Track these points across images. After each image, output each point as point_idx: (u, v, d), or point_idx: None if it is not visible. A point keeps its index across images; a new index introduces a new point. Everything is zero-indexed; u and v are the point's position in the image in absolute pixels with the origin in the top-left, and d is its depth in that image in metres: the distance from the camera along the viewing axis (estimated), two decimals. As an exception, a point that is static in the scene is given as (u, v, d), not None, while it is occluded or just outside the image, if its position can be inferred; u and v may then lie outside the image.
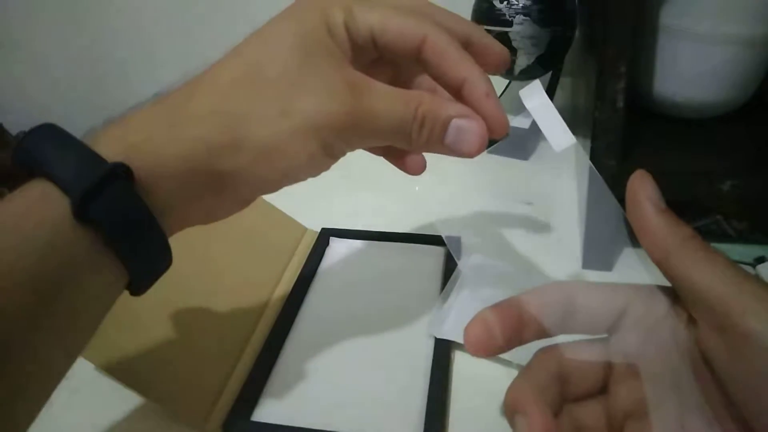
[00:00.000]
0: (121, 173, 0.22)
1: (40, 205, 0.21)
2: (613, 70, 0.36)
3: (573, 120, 0.64)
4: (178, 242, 0.27)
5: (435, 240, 0.47)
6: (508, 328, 0.24)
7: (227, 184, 0.25)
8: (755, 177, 0.38)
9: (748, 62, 0.42)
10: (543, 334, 0.26)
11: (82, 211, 0.21)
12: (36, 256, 0.21)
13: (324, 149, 0.26)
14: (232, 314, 0.39)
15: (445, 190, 0.33)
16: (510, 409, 0.24)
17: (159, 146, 0.24)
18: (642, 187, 0.24)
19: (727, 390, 0.21)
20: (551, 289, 0.26)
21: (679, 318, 0.24)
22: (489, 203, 0.43)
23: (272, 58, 0.25)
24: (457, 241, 0.44)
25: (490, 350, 0.25)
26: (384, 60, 0.29)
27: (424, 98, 0.26)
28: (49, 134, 0.23)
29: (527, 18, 0.52)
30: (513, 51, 0.54)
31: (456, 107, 0.27)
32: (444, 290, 0.41)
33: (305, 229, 0.49)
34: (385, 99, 0.26)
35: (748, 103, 0.44)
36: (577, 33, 0.56)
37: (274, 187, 0.27)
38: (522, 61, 0.54)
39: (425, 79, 0.31)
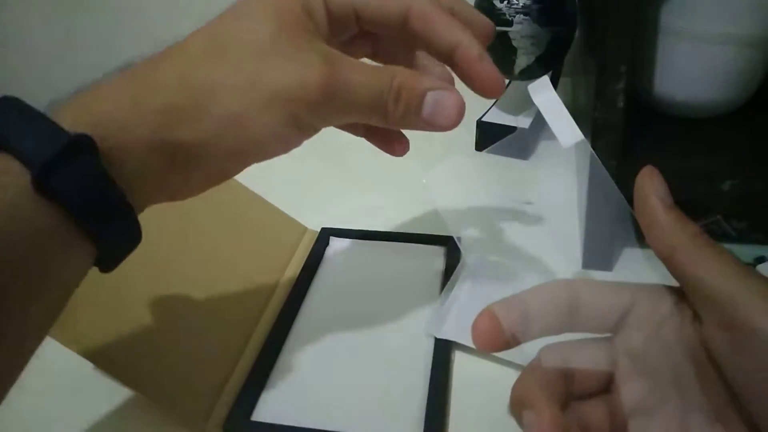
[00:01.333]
0: (84, 145, 0.21)
1: (0, 178, 0.21)
2: (613, 70, 0.36)
3: (572, 119, 0.64)
4: (178, 242, 0.27)
5: (435, 240, 0.47)
6: (514, 324, 0.24)
7: (194, 157, 0.25)
8: (755, 177, 0.38)
9: (748, 62, 0.42)
10: (547, 331, 0.26)
11: (43, 184, 0.21)
12: None
13: (294, 122, 0.25)
14: (232, 314, 0.39)
15: (444, 191, 0.33)
16: (517, 405, 0.24)
17: (124, 115, 0.23)
18: (650, 183, 0.24)
19: (733, 388, 0.21)
20: (556, 287, 0.26)
21: (683, 316, 0.24)
22: (489, 203, 0.43)
23: (245, 30, 0.25)
24: (457, 241, 0.44)
25: (498, 345, 0.25)
26: (364, 37, 0.29)
27: (399, 70, 0.26)
28: (10, 106, 0.22)
29: (527, 18, 0.52)
30: (513, 51, 0.54)
31: (431, 80, 0.26)
32: (444, 290, 0.41)
33: (305, 229, 0.49)
34: (359, 71, 0.25)
35: (748, 103, 0.44)
36: (577, 33, 0.56)
37: (241, 161, 0.26)
38: (522, 61, 0.54)
39: (405, 58, 0.31)
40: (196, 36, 0.26)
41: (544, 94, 0.27)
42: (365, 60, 0.30)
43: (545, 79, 0.28)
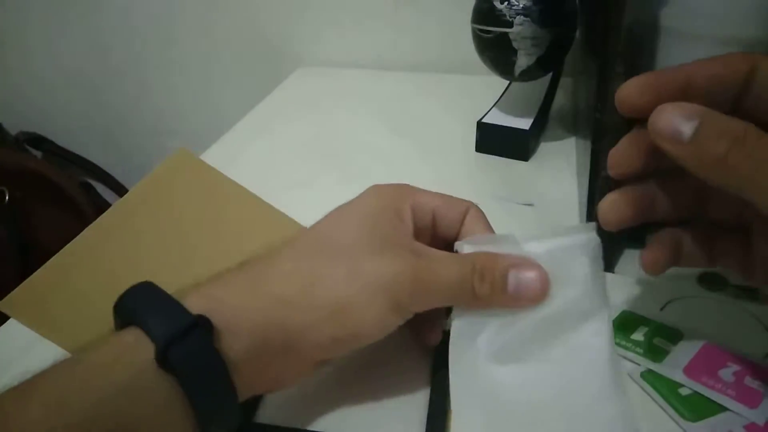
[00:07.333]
0: (202, 324, 0.25)
1: (130, 349, 0.24)
2: (613, 70, 0.36)
3: (573, 120, 0.64)
4: (177, 244, 0.27)
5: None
6: (672, 91, 0.25)
7: (297, 342, 0.28)
8: (756, 177, 0.38)
9: (749, 62, 0.42)
10: (713, 103, 0.25)
11: (163, 356, 0.24)
12: (118, 395, 0.23)
13: (396, 308, 0.28)
14: (232, 315, 0.39)
15: (445, 192, 0.34)
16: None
17: (240, 302, 0.27)
18: (669, 108, 0.24)
19: None
20: (733, 59, 0.26)
21: None
22: (489, 204, 0.43)
23: (344, 230, 0.30)
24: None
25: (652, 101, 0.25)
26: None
27: (476, 255, 0.29)
28: (146, 291, 0.26)
29: (527, 19, 0.52)
30: (513, 52, 0.54)
31: (510, 258, 0.29)
32: None
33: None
34: (443, 259, 0.29)
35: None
36: (577, 33, 0.56)
37: (341, 347, 0.30)
38: (522, 62, 0.54)
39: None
40: (303, 236, 0.31)
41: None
42: None
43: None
